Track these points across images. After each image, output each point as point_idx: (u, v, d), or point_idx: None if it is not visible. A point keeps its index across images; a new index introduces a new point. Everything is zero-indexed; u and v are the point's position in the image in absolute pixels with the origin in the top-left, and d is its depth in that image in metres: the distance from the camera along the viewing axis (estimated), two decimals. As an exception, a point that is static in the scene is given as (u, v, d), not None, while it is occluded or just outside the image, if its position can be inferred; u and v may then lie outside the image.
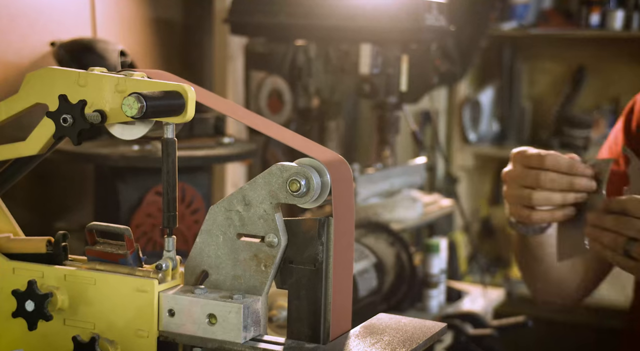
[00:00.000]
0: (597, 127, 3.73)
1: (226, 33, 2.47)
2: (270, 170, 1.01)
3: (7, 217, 1.17)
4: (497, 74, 3.92)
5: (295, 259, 1.02)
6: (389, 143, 2.29)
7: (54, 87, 1.05)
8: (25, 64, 2.01)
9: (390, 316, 1.10)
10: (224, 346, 1.00)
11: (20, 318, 1.07)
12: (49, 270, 1.09)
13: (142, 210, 1.92)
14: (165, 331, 1.04)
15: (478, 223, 3.99)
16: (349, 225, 1.04)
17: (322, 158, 1.01)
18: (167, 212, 1.04)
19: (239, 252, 1.04)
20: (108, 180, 1.95)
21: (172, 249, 1.06)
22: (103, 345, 1.05)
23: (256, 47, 2.32)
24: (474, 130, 3.88)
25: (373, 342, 1.01)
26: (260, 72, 2.33)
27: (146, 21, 2.42)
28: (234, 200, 1.03)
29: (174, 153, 1.03)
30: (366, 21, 2.12)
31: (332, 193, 1.00)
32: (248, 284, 1.04)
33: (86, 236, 1.09)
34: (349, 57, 2.18)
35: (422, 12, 2.09)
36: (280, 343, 1.01)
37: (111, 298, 1.06)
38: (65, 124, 1.04)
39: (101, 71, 1.04)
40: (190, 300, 1.02)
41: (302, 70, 2.25)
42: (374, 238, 2.00)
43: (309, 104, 2.30)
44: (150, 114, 0.98)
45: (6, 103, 1.09)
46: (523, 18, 3.74)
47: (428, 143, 3.57)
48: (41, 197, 2.11)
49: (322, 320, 1.01)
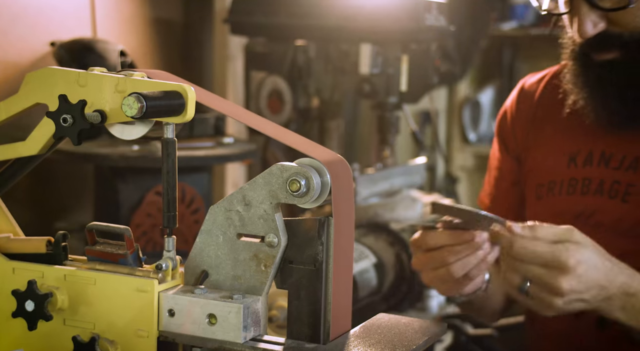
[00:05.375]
0: (597, 127, 3.73)
1: (226, 33, 2.48)
2: (270, 170, 1.01)
3: (7, 217, 1.17)
4: (497, 74, 3.92)
5: (295, 259, 1.02)
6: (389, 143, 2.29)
7: (54, 87, 1.05)
8: (25, 64, 2.01)
9: (390, 316, 1.10)
10: (224, 346, 1.00)
11: (20, 318, 1.07)
12: (49, 270, 1.09)
13: (142, 210, 1.92)
14: (165, 331, 1.04)
15: (478, 223, 3.99)
16: (349, 225, 1.04)
17: (322, 158, 1.01)
18: (167, 212, 1.04)
19: (239, 252, 1.04)
20: (108, 180, 1.96)
21: (172, 249, 1.06)
22: (103, 345, 1.04)
23: (256, 47, 2.32)
24: (474, 130, 3.88)
25: (373, 342, 1.01)
26: (260, 72, 2.33)
27: (146, 21, 2.42)
28: (234, 200, 1.03)
29: (174, 153, 1.03)
30: (366, 21, 2.12)
31: (332, 193, 1.00)
32: (248, 284, 1.04)
33: (86, 236, 1.09)
34: (349, 57, 2.18)
35: (422, 12, 2.09)
36: (280, 343, 1.01)
37: (111, 298, 1.06)
38: (65, 124, 1.04)
39: (101, 71, 1.04)
40: (190, 300, 1.02)
41: (302, 70, 2.25)
42: (374, 238, 2.00)
43: (309, 104, 2.30)
44: (150, 114, 0.98)
45: (6, 103, 1.09)
46: (523, 18, 3.74)
47: (428, 143, 3.57)
48: (41, 197, 2.11)
49: (322, 320, 1.01)
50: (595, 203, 1.43)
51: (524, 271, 1.18)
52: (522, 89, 1.62)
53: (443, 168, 3.65)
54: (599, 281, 1.18)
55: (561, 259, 1.16)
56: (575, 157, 1.47)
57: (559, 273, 1.16)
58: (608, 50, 1.34)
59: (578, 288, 1.17)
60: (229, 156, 2.05)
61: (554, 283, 1.16)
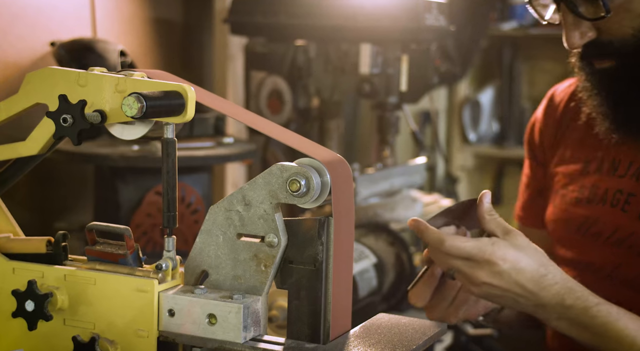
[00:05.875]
0: (597, 127, 3.73)
1: (226, 33, 2.47)
2: (270, 170, 1.01)
3: (7, 217, 1.17)
4: (497, 74, 3.92)
5: (295, 259, 1.02)
6: (389, 143, 2.29)
7: (54, 87, 1.05)
8: (25, 64, 2.01)
9: (390, 316, 1.10)
10: (224, 346, 1.00)
11: (20, 318, 1.07)
12: (49, 270, 1.09)
13: (142, 210, 1.92)
14: (165, 331, 1.04)
15: (478, 223, 3.99)
16: (349, 225, 1.04)
17: (322, 158, 1.01)
18: (167, 212, 1.04)
19: (239, 252, 1.04)
20: (108, 180, 1.95)
21: (172, 249, 1.06)
22: (103, 345, 1.05)
23: (256, 47, 2.32)
24: (474, 130, 3.88)
25: (373, 342, 1.01)
26: (260, 72, 2.33)
27: (146, 21, 2.42)
28: (234, 200, 1.03)
29: (174, 153, 1.03)
30: (366, 21, 2.12)
31: (332, 193, 1.00)
32: (248, 284, 1.04)
33: (86, 236, 1.09)
34: (349, 57, 2.18)
35: (422, 12, 2.08)
36: (280, 343, 1.01)
37: (111, 298, 1.06)
38: (65, 124, 1.04)
39: (101, 71, 1.04)
40: (190, 300, 1.02)
41: (302, 70, 2.24)
42: (374, 238, 2.00)
43: (309, 104, 2.30)
44: (150, 114, 0.98)
45: (6, 103, 1.09)
46: (523, 18, 3.74)
47: (428, 143, 3.57)
48: (41, 197, 2.11)
49: (322, 320, 1.01)
50: (598, 212, 1.44)
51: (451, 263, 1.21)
52: (551, 98, 1.63)
53: (443, 168, 3.65)
54: (524, 285, 1.20)
55: (485, 253, 1.18)
56: (589, 164, 1.49)
57: (478, 265, 1.19)
58: (603, 58, 1.35)
59: (495, 283, 1.19)
60: (229, 156, 2.05)
61: (472, 273, 1.19)
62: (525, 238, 1.23)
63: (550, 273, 1.22)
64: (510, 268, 1.19)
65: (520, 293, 1.21)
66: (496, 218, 1.23)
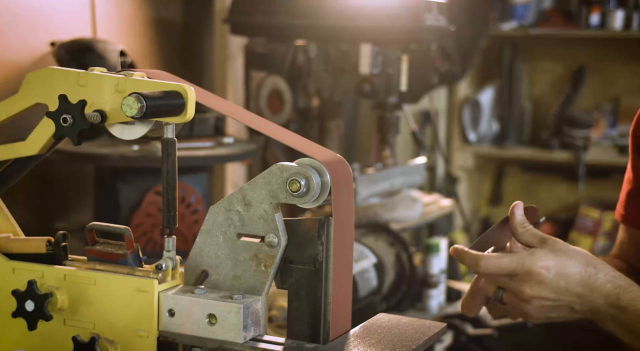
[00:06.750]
0: (597, 126, 3.73)
1: (226, 33, 2.48)
2: (270, 170, 1.01)
3: (7, 217, 1.17)
4: (497, 74, 3.92)
5: (295, 259, 1.02)
6: (389, 143, 2.29)
7: (54, 87, 1.05)
8: (25, 64, 2.01)
9: (390, 316, 1.10)
10: (224, 346, 1.00)
11: (20, 318, 1.07)
12: (49, 270, 1.09)
13: (142, 210, 1.92)
14: (165, 331, 1.04)
15: (478, 223, 3.99)
16: (349, 225, 1.04)
17: (322, 158, 1.01)
18: (167, 212, 1.04)
19: (239, 252, 1.04)
20: (108, 180, 1.96)
21: (172, 249, 1.06)
22: (103, 345, 1.05)
23: (256, 47, 2.32)
24: (474, 130, 3.88)
25: (373, 342, 1.01)
26: (260, 72, 2.33)
27: (146, 21, 2.42)
28: (234, 200, 1.03)
29: (174, 153, 1.03)
30: (366, 21, 2.12)
31: (332, 193, 1.00)
32: (248, 284, 1.04)
33: (86, 236, 1.09)
34: (349, 57, 2.18)
35: (422, 12, 2.09)
36: (280, 343, 1.01)
37: (111, 298, 1.06)
38: (65, 124, 1.04)
39: (101, 71, 1.04)
40: (190, 300, 1.02)
41: (302, 70, 2.24)
42: (374, 238, 2.00)
43: (309, 104, 2.30)
44: (150, 114, 0.98)
45: (6, 103, 1.09)
46: (523, 18, 3.74)
47: (428, 143, 3.57)
48: (41, 197, 2.11)
49: (322, 320, 1.01)
50: None
51: (496, 282, 1.16)
52: None
53: (443, 168, 3.65)
54: (574, 289, 1.15)
55: (525, 265, 1.13)
56: None
57: (522, 279, 1.14)
58: None
59: (544, 294, 1.14)
60: (229, 156, 2.05)
61: (518, 289, 1.14)
62: (564, 243, 1.16)
63: (601, 271, 1.15)
64: (555, 275, 1.13)
65: (573, 300, 1.15)
66: (530, 228, 1.17)
